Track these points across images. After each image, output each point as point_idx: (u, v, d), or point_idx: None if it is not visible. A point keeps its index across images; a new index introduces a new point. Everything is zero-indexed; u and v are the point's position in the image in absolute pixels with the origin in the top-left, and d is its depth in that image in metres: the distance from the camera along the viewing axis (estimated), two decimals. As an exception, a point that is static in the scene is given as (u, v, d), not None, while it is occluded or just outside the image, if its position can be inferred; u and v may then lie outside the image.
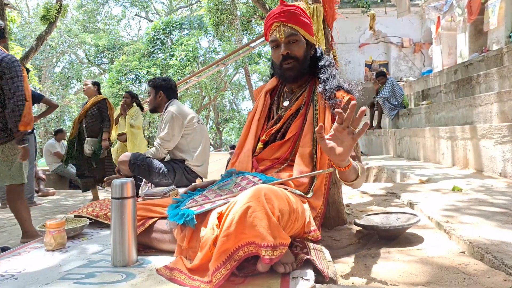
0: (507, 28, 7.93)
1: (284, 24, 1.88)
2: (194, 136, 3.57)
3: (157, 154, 3.46)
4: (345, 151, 1.42)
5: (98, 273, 1.44)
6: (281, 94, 2.10)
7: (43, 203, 5.34)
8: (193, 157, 3.52)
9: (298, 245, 1.53)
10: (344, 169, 1.51)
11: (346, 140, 1.41)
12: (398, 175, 4.58)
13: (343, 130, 1.41)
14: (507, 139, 3.59)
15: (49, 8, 9.00)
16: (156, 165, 3.36)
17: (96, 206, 2.29)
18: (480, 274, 1.48)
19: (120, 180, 1.51)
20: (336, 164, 1.50)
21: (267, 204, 1.30)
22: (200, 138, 3.61)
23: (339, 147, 1.42)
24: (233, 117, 27.58)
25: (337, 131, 1.42)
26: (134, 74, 18.72)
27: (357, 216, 2.41)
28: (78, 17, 26.20)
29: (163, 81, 3.75)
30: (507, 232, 1.88)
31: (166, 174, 3.35)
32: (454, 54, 10.81)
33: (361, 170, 1.64)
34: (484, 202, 2.63)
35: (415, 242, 1.95)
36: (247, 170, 1.89)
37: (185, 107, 3.73)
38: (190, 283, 1.29)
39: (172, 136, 3.43)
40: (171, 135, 3.43)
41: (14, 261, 1.62)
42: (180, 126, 3.46)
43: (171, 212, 1.63)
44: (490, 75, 5.58)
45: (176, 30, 19.81)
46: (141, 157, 3.38)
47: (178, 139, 3.49)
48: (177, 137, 3.47)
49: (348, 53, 12.54)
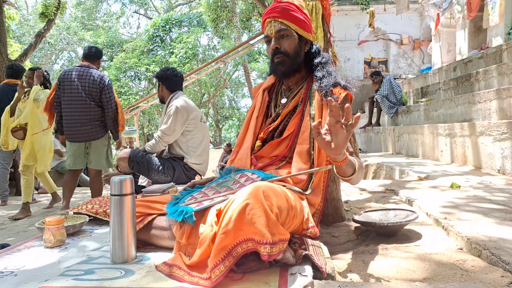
0: (507, 25, 7.92)
1: (275, 19, 1.91)
2: (195, 134, 3.56)
3: (156, 147, 3.45)
4: (340, 144, 1.43)
5: (97, 269, 1.44)
6: (278, 92, 2.11)
7: (43, 200, 5.34)
8: (192, 156, 3.51)
9: (297, 242, 1.53)
10: (340, 163, 1.52)
11: (340, 133, 1.42)
12: (396, 172, 4.59)
13: (336, 124, 1.41)
14: (506, 136, 3.60)
15: (47, 5, 8.97)
16: (156, 162, 3.36)
17: (95, 203, 2.29)
18: (478, 270, 1.49)
19: (119, 177, 1.51)
20: (333, 159, 1.51)
21: (266, 201, 1.31)
22: (201, 137, 3.60)
23: (334, 141, 1.43)
24: (232, 114, 27.58)
25: (331, 125, 1.43)
26: (133, 72, 18.72)
27: (356, 212, 2.42)
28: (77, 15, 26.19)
29: (161, 72, 3.74)
30: (505, 229, 1.89)
31: (166, 171, 3.36)
32: (453, 51, 10.80)
33: (358, 166, 1.65)
34: (482, 199, 2.64)
35: (413, 238, 1.95)
36: (246, 167, 1.90)
37: (191, 102, 3.70)
38: (189, 279, 1.29)
39: (173, 131, 3.43)
40: (172, 130, 3.42)
41: (14, 258, 1.62)
42: (182, 122, 3.45)
43: (170, 209, 1.63)
44: (489, 72, 5.58)
45: (175, 28, 19.80)
46: (140, 153, 3.38)
47: (179, 134, 3.48)
48: (178, 132, 3.46)
49: (347, 50, 12.52)
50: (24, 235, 3.23)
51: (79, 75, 3.81)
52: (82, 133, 3.83)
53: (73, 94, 3.76)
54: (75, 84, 3.77)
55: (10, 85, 5.22)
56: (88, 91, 3.78)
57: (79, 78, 3.80)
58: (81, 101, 3.76)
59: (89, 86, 3.79)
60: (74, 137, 3.84)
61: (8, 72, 5.33)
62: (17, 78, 5.30)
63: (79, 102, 3.76)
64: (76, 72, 3.83)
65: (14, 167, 5.94)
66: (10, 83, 5.24)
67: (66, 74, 3.85)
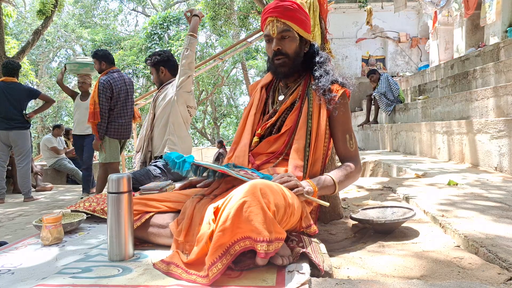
0: (504, 23, 7.92)
1: (277, 19, 1.88)
2: (187, 122, 3.59)
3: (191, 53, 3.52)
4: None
5: (95, 267, 1.44)
6: (276, 89, 2.10)
7: (40, 198, 5.34)
8: (175, 135, 3.52)
9: (294, 239, 1.54)
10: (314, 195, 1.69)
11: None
12: (394, 170, 4.60)
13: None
14: (503, 133, 3.60)
15: (45, 2, 8.93)
16: (153, 172, 3.32)
17: (93, 201, 2.29)
18: (475, 267, 1.49)
19: (116, 175, 1.51)
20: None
21: (263, 199, 1.31)
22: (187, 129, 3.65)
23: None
24: (230, 112, 27.56)
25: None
26: (132, 69, 18.67)
27: (353, 210, 2.42)
28: (75, 12, 26.10)
29: (159, 56, 3.69)
30: (502, 226, 1.89)
31: (166, 174, 3.33)
32: (451, 49, 10.82)
33: (338, 181, 1.81)
34: (479, 196, 2.64)
35: (410, 236, 1.96)
36: (244, 165, 1.89)
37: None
38: (186, 277, 1.30)
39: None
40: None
41: (11, 256, 1.62)
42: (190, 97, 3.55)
43: (173, 154, 1.63)
44: (486, 69, 5.59)
45: (173, 25, 19.74)
46: (138, 173, 3.30)
47: (190, 86, 3.54)
48: (190, 84, 3.54)
49: (345, 48, 12.51)
50: (21, 233, 3.23)
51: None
52: None
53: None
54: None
55: (7, 82, 5.21)
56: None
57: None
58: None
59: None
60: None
61: (4, 70, 5.32)
62: (13, 76, 5.28)
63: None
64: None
65: (11, 165, 5.93)
66: (7, 81, 5.22)
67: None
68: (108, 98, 4.47)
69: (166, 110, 3.51)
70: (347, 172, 1.86)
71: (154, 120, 3.57)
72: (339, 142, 1.95)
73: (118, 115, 4.60)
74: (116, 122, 4.58)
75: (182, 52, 3.49)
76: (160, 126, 3.52)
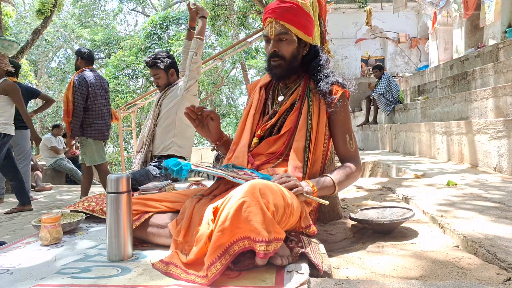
0: (503, 23, 7.94)
1: (276, 21, 1.86)
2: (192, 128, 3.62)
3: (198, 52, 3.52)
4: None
5: (94, 267, 1.44)
6: (275, 89, 2.09)
7: (40, 197, 5.33)
8: (179, 137, 3.57)
9: (293, 239, 1.54)
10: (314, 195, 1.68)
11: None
12: (393, 170, 4.60)
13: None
14: (502, 134, 3.61)
15: (44, 2, 8.94)
16: (152, 173, 3.32)
17: (92, 201, 2.28)
18: (474, 268, 1.49)
19: (115, 175, 1.51)
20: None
21: (262, 199, 1.31)
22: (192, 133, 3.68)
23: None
24: (230, 112, 27.52)
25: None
26: (131, 69, 18.64)
27: (352, 210, 2.42)
28: (74, 12, 26.06)
29: (170, 58, 3.69)
30: (501, 227, 1.90)
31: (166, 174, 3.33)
32: (450, 49, 10.83)
33: (340, 179, 1.82)
34: (478, 196, 2.65)
35: (409, 236, 1.96)
36: (243, 165, 1.89)
37: None
38: (185, 277, 1.30)
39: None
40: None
41: (10, 256, 1.62)
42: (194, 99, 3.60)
43: (171, 162, 1.62)
44: (485, 70, 5.60)
45: (172, 25, 19.71)
46: (138, 173, 3.30)
47: (196, 89, 3.62)
48: (196, 87, 3.61)
49: (345, 48, 12.53)
50: (20, 233, 3.23)
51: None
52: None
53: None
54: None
55: (7, 82, 5.18)
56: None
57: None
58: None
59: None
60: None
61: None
62: (12, 76, 5.26)
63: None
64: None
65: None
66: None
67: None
68: (84, 96, 4.38)
69: (172, 111, 3.57)
70: (347, 172, 1.86)
71: (158, 119, 3.60)
72: (339, 143, 1.95)
73: (98, 117, 4.54)
74: (96, 123, 4.51)
75: (191, 55, 3.49)
76: (163, 125, 3.57)
